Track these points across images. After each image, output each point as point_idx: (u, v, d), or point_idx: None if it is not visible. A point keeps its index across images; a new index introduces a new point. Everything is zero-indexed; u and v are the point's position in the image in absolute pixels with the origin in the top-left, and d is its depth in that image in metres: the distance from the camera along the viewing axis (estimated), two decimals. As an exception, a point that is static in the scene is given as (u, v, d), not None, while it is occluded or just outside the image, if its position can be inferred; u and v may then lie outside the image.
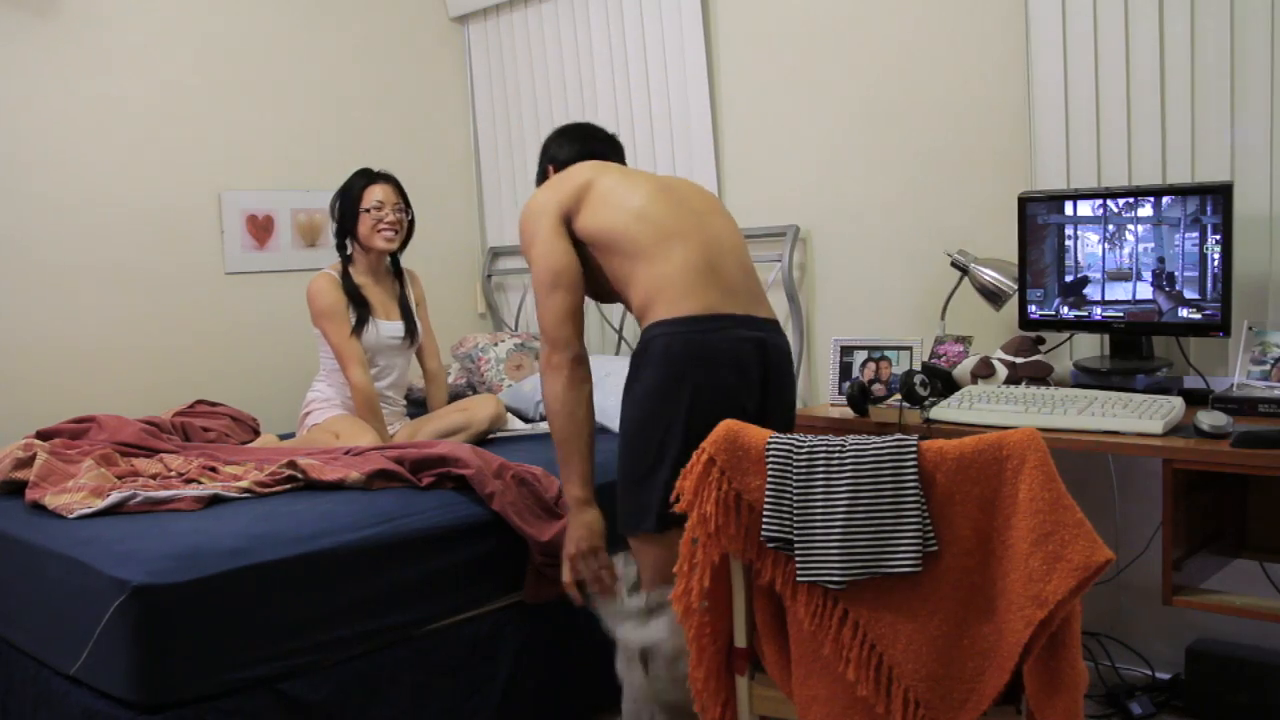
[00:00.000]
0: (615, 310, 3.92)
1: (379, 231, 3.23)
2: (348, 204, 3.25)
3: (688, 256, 2.19)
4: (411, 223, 3.35)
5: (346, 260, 3.28)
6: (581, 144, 2.56)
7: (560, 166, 2.50)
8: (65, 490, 2.53)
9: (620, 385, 2.34)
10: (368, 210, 3.23)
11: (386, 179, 3.30)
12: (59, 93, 3.40)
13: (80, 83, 3.44)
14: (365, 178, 3.28)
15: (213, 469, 2.74)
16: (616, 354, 3.95)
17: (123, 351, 3.53)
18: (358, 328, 3.19)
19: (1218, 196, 2.43)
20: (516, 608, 2.60)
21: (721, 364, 2.14)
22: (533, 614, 2.62)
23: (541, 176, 2.59)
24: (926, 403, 2.45)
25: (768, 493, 1.79)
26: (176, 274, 3.66)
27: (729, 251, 2.27)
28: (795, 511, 1.76)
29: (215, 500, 2.51)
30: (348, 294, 3.21)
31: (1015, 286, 2.76)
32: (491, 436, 3.27)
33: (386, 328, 3.28)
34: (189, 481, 2.64)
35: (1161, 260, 2.52)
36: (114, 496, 2.45)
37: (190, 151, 3.68)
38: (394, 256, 3.39)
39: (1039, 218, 2.68)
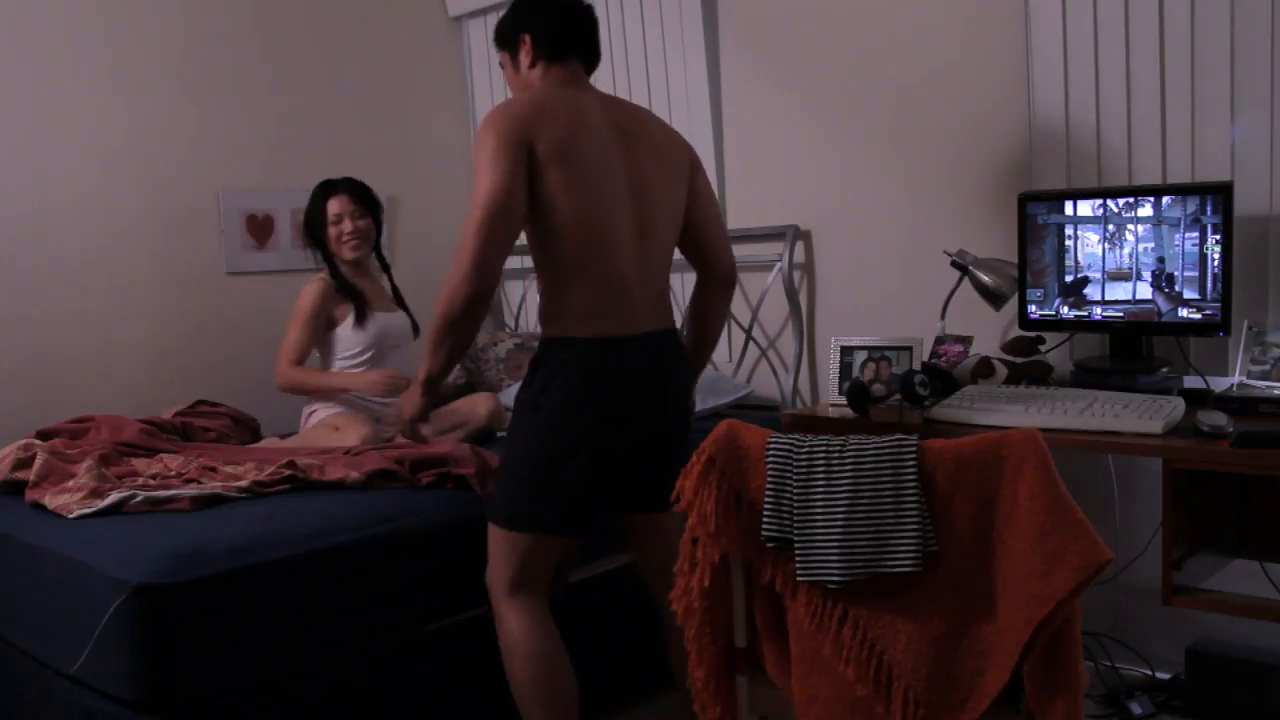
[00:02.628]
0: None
1: (344, 244, 3.28)
2: (313, 219, 3.31)
3: (607, 280, 2.22)
4: (378, 224, 3.38)
5: (334, 267, 3.32)
6: (568, 31, 2.34)
7: (539, 43, 2.31)
8: (65, 490, 2.53)
9: None
10: (331, 224, 3.29)
11: (344, 188, 3.33)
12: (56, 91, 3.39)
13: (78, 81, 3.44)
14: (324, 190, 3.34)
15: (212, 469, 2.74)
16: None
17: (123, 352, 3.53)
18: (359, 321, 3.24)
19: (1218, 196, 2.42)
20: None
21: (618, 388, 2.23)
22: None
23: (512, 39, 2.36)
24: (926, 403, 2.45)
25: (767, 492, 1.79)
26: (176, 274, 3.65)
27: (652, 265, 2.31)
28: (795, 511, 1.76)
29: (215, 500, 2.51)
30: (343, 290, 3.26)
31: (1015, 286, 2.75)
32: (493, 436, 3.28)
33: (389, 320, 3.32)
34: (189, 481, 2.64)
35: (1161, 260, 2.52)
36: (113, 496, 2.45)
37: (188, 151, 3.67)
38: (379, 253, 3.44)
39: (1039, 217, 2.68)
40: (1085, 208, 2.62)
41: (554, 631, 2.31)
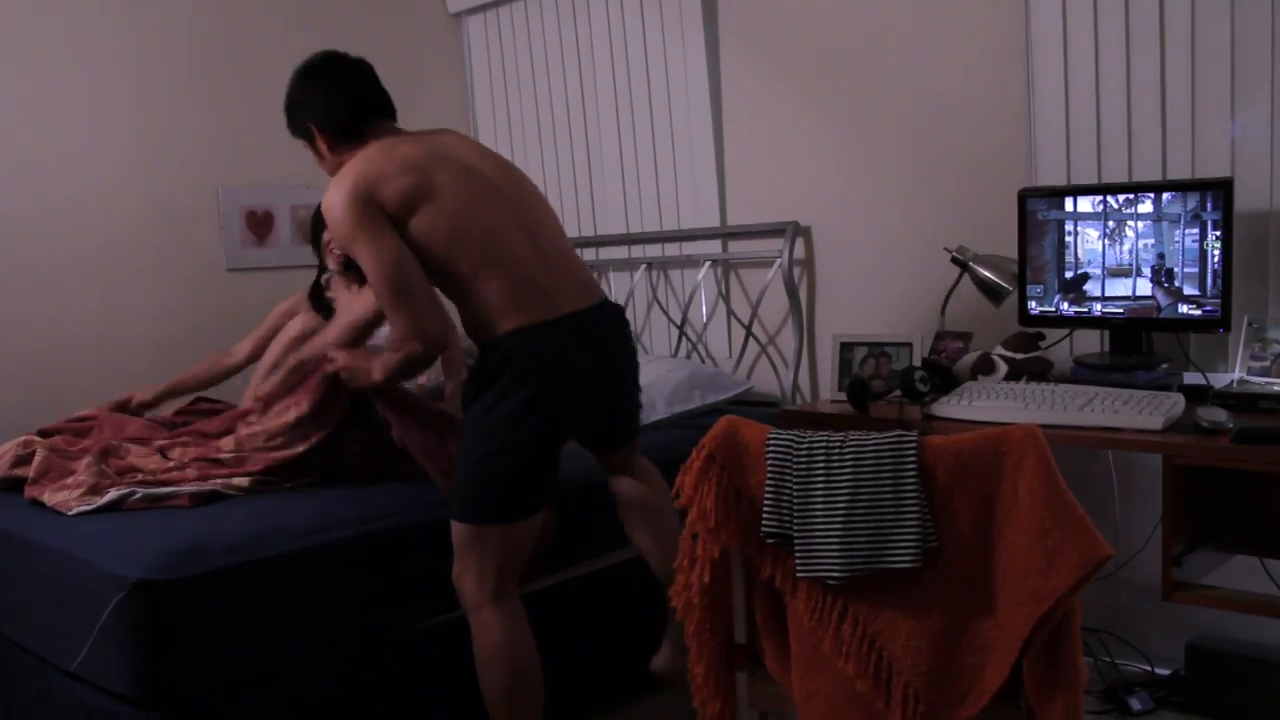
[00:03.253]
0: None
1: (330, 253, 3.31)
2: (317, 220, 3.32)
3: (509, 278, 2.24)
4: None
5: (321, 269, 3.34)
6: (355, 111, 2.37)
7: (331, 134, 2.36)
8: (64, 487, 2.53)
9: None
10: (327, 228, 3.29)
11: None
12: (55, 87, 3.39)
13: (77, 77, 3.43)
14: None
15: (213, 460, 2.72)
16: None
17: (123, 348, 3.53)
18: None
19: (1218, 192, 2.42)
20: (526, 599, 2.58)
21: (551, 365, 2.24)
22: (536, 608, 2.61)
23: (303, 129, 2.41)
24: (926, 399, 2.45)
25: (767, 488, 1.79)
26: (176, 270, 3.65)
27: (550, 251, 2.33)
28: (795, 507, 1.76)
29: (214, 497, 2.51)
30: (313, 300, 3.33)
31: (1015, 282, 2.75)
32: None
33: None
34: (184, 468, 2.64)
35: (1161, 256, 2.51)
36: (112, 494, 2.45)
37: (188, 148, 3.67)
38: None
39: (1039, 214, 2.68)
40: (1085, 204, 2.62)
41: (531, 638, 2.30)
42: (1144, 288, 2.55)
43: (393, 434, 2.57)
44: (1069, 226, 2.64)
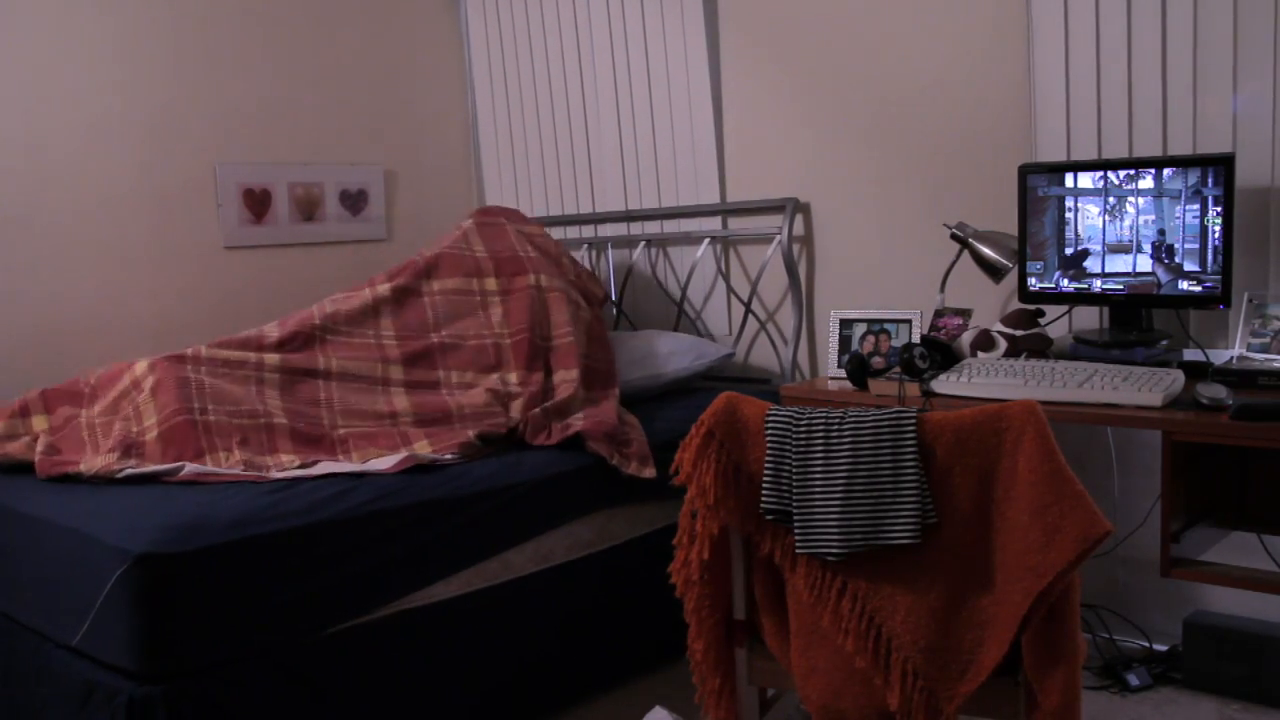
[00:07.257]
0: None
1: None
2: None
3: None
4: None
5: None
6: None
7: None
8: (99, 452, 2.54)
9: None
10: None
11: None
12: (50, 61, 3.37)
13: (73, 52, 3.41)
14: None
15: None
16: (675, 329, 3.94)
17: (119, 327, 3.52)
18: None
19: (1219, 168, 2.42)
20: (527, 579, 2.60)
21: None
22: (546, 585, 2.62)
23: None
24: (926, 375, 2.45)
25: (766, 464, 1.79)
26: (173, 248, 3.64)
27: None
28: (794, 483, 1.76)
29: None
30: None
31: (1015, 259, 2.75)
32: None
33: None
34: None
35: (1162, 232, 2.51)
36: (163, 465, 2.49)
37: (185, 124, 3.65)
38: None
39: (1039, 189, 2.67)
40: (1086, 180, 2.61)
41: None
42: (1144, 264, 2.54)
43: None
44: (1069, 202, 2.63)
